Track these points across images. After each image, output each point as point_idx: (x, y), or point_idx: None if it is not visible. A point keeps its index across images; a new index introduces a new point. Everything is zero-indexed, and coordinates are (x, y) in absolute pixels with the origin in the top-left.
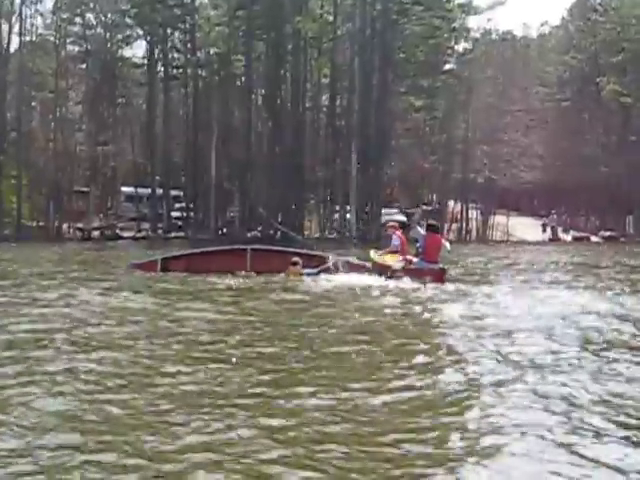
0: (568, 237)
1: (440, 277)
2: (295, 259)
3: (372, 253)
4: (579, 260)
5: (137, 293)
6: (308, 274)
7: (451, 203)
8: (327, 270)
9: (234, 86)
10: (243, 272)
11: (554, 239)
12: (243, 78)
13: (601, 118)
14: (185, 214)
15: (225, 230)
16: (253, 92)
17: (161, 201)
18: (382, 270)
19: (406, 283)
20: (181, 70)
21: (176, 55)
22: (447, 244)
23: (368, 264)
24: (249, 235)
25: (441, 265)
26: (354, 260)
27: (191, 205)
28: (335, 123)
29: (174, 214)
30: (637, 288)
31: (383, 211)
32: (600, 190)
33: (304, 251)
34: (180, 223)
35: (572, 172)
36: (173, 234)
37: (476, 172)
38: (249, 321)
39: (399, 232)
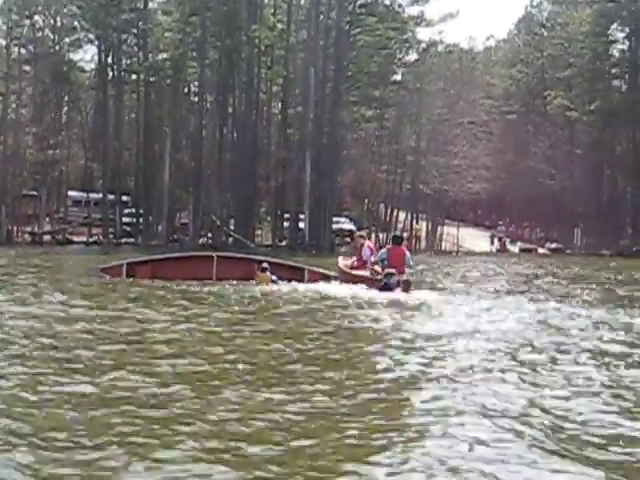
0: (515, 248)
1: (405, 287)
2: (264, 265)
3: (340, 261)
4: (527, 271)
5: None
6: (274, 281)
7: (401, 214)
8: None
9: (186, 92)
10: (210, 280)
11: (502, 250)
12: (196, 84)
13: (547, 132)
14: (135, 220)
15: (175, 236)
16: (205, 99)
17: (113, 206)
18: (351, 280)
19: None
20: (133, 75)
21: (128, 60)
22: (409, 255)
23: (333, 273)
24: (200, 242)
25: (405, 276)
26: (319, 270)
27: (141, 211)
28: (287, 132)
29: (124, 220)
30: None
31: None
32: (546, 203)
33: (273, 259)
34: (129, 229)
35: (518, 184)
36: (124, 240)
37: (426, 183)
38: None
39: (369, 242)
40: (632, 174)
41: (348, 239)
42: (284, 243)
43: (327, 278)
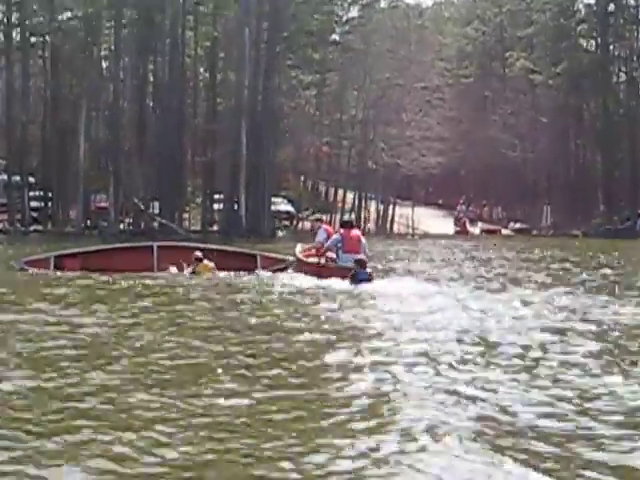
0: (476, 230)
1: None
2: (197, 254)
3: (298, 248)
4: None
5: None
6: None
7: (341, 191)
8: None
9: (100, 57)
10: (151, 272)
11: (462, 232)
12: (111, 47)
13: (507, 97)
14: (42, 204)
15: (89, 222)
16: (122, 64)
17: (19, 189)
18: (310, 270)
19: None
20: (40, 37)
21: (34, 19)
22: (364, 240)
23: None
24: (121, 228)
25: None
26: (273, 255)
27: (49, 194)
28: (216, 101)
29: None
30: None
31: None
32: (508, 177)
33: (218, 247)
34: (35, 215)
35: (476, 157)
36: (33, 228)
37: (373, 157)
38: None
39: (326, 225)
40: (602, 142)
41: (287, 222)
42: (216, 228)
43: (282, 263)
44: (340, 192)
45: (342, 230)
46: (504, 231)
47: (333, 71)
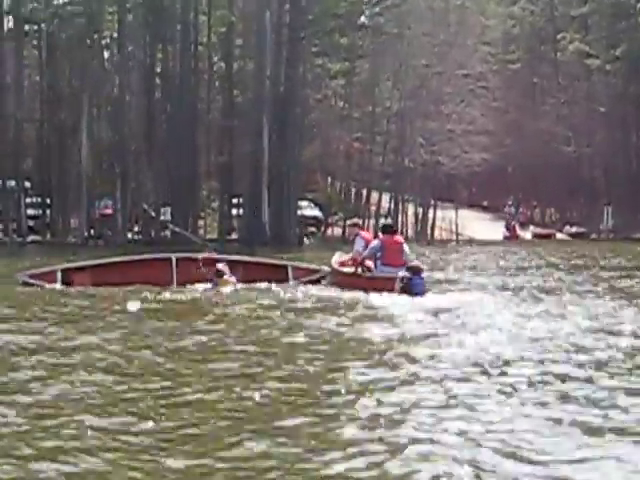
0: (527, 234)
1: (390, 286)
2: (219, 266)
3: (336, 257)
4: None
5: None
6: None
7: (375, 194)
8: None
9: (103, 46)
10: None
11: (512, 237)
12: (115, 35)
13: (560, 85)
14: (40, 212)
15: (93, 231)
16: (127, 55)
17: (14, 196)
18: (343, 280)
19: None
20: (35, 25)
21: (29, 5)
22: (407, 249)
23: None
24: (130, 237)
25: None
26: (305, 265)
27: (47, 200)
28: (233, 94)
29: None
30: None
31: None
32: (562, 175)
33: (245, 258)
34: (32, 224)
35: (525, 153)
36: (30, 238)
37: (410, 155)
38: None
39: (364, 233)
40: None
41: (313, 229)
42: (235, 236)
43: (316, 274)
44: (373, 194)
45: (382, 236)
46: (559, 235)
47: (363, 58)
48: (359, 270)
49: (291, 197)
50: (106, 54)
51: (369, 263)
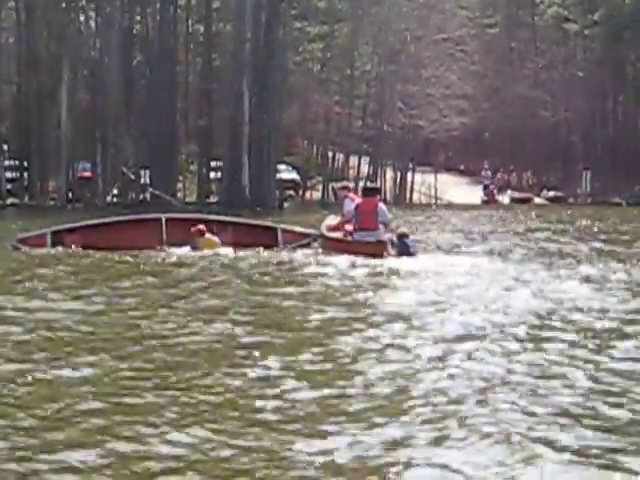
0: (505, 199)
1: (379, 250)
2: (200, 226)
3: (328, 220)
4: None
5: None
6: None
7: (353, 158)
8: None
9: (80, 7)
10: (158, 247)
11: (490, 201)
12: None
13: (538, 50)
14: (17, 175)
15: (72, 194)
16: (105, 16)
17: None
18: (336, 246)
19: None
20: None
21: None
22: (384, 209)
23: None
24: (109, 200)
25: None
26: (295, 229)
27: (25, 163)
28: (211, 57)
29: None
30: None
31: None
32: (539, 140)
33: (232, 219)
34: (9, 187)
35: (503, 117)
36: (9, 201)
37: (389, 118)
38: None
39: (352, 194)
40: None
41: (291, 192)
42: (214, 199)
43: (306, 238)
44: (352, 158)
45: (359, 199)
46: (537, 199)
47: (342, 22)
48: (341, 235)
49: (271, 161)
50: (82, 17)
51: (349, 227)
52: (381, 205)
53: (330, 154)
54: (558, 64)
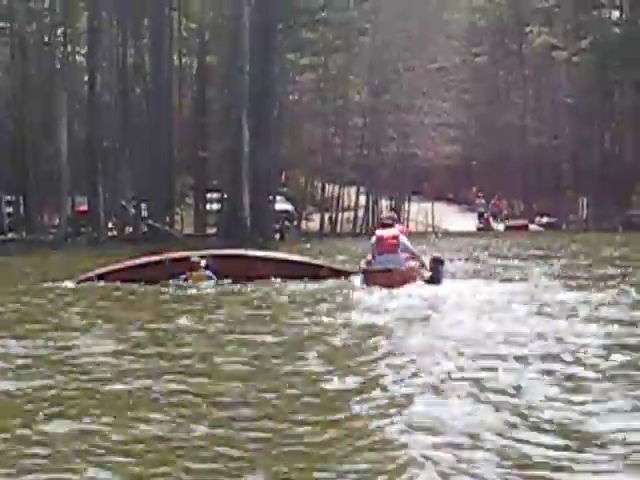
0: (500, 226)
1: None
2: (195, 259)
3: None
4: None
5: None
6: (210, 277)
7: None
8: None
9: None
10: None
11: (485, 228)
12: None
13: (527, 77)
14: (13, 209)
15: (69, 229)
16: (99, 49)
17: None
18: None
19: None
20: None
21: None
22: (404, 239)
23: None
24: (110, 235)
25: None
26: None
27: (20, 199)
28: (204, 90)
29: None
30: None
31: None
32: (530, 167)
33: (280, 256)
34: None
35: (492, 144)
36: (10, 235)
37: (383, 149)
38: None
39: (400, 226)
40: (635, 125)
41: (286, 223)
42: (211, 230)
43: (349, 276)
44: (346, 189)
45: (378, 232)
46: (532, 226)
47: (336, 52)
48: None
49: (270, 192)
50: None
51: (368, 256)
52: (402, 236)
53: (320, 184)
54: (546, 91)
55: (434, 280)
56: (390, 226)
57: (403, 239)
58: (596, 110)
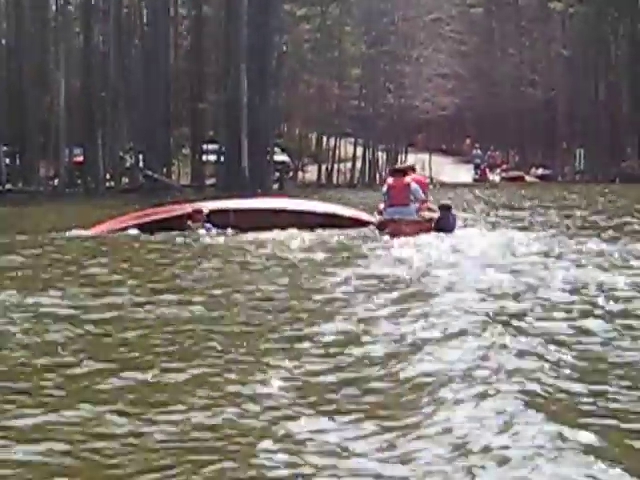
0: (496, 177)
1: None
2: (197, 207)
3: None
4: None
5: None
6: (208, 228)
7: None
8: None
9: None
10: None
11: (482, 179)
12: None
13: (524, 28)
14: (8, 161)
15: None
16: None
17: None
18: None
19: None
20: None
21: None
22: (417, 187)
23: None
24: (109, 185)
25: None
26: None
27: (16, 149)
28: (201, 41)
29: None
30: None
31: None
32: (526, 119)
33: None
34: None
35: (487, 96)
36: (7, 187)
37: (380, 100)
38: None
39: (415, 175)
40: (630, 77)
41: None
42: (209, 182)
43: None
44: (342, 141)
45: (390, 180)
46: (527, 178)
47: (333, 2)
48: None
49: (269, 143)
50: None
51: (380, 206)
52: (413, 184)
53: (316, 136)
54: (542, 43)
55: (446, 228)
56: (402, 173)
57: (414, 187)
58: (592, 62)
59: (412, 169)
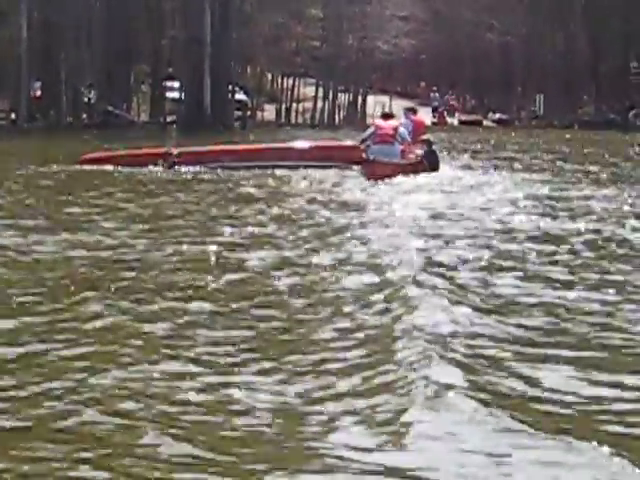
0: (454, 120)
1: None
2: (171, 150)
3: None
4: None
5: None
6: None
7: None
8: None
9: None
10: None
11: (440, 123)
12: None
13: None
14: None
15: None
16: None
17: None
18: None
19: None
20: None
21: None
22: (403, 130)
23: None
24: (70, 120)
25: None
26: None
27: None
28: None
29: None
30: None
31: None
32: (484, 63)
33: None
34: None
35: (443, 39)
36: None
37: (341, 41)
38: None
39: (412, 116)
40: (589, 21)
41: (239, 112)
42: (169, 119)
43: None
44: (302, 80)
45: (377, 121)
46: (485, 122)
47: None
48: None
49: (230, 82)
50: None
51: (362, 145)
52: (401, 128)
53: (273, 75)
54: None
55: (432, 166)
56: (391, 117)
57: (402, 131)
58: (553, 9)
59: (414, 110)
